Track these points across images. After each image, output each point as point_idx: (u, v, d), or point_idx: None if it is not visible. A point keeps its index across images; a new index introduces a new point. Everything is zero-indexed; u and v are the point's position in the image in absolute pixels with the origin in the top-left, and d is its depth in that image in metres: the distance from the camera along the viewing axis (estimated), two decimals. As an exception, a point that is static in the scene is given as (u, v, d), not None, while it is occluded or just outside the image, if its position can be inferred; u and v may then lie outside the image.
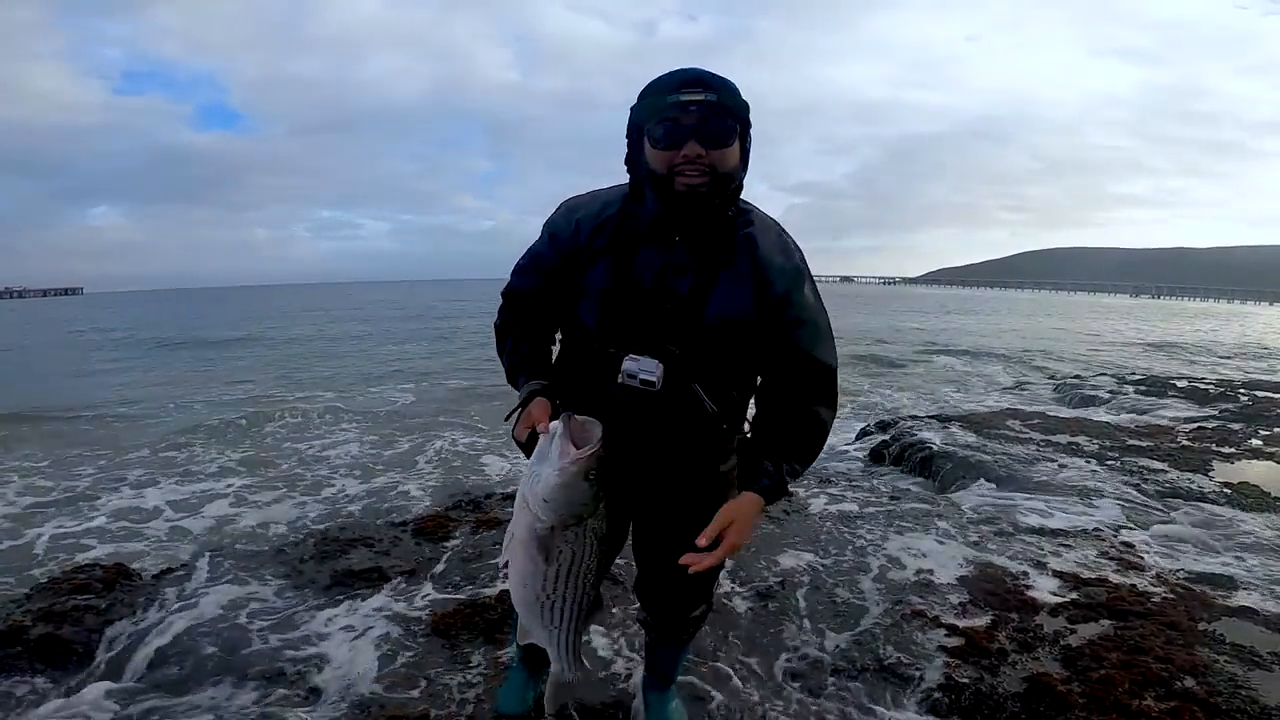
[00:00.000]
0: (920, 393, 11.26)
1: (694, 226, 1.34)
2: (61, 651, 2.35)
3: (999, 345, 20.03)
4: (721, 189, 1.30)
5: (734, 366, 1.43)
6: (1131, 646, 2.31)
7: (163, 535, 4.64)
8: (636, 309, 1.36)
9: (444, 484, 5.51)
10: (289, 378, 13.68)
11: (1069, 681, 2.14)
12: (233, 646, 2.37)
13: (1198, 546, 3.33)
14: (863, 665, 2.28)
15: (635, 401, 1.35)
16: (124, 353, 19.64)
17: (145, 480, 6.06)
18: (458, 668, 2.26)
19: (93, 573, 2.89)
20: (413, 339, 22.86)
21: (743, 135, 1.32)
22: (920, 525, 3.56)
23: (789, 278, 1.38)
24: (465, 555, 3.11)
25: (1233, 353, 18.52)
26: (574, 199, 1.47)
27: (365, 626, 2.52)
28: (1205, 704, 2.01)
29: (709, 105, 1.25)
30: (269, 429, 8.45)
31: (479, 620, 2.51)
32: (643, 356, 1.33)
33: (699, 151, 1.26)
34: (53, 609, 2.52)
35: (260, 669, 2.24)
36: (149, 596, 2.72)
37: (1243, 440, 5.44)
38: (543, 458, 1.13)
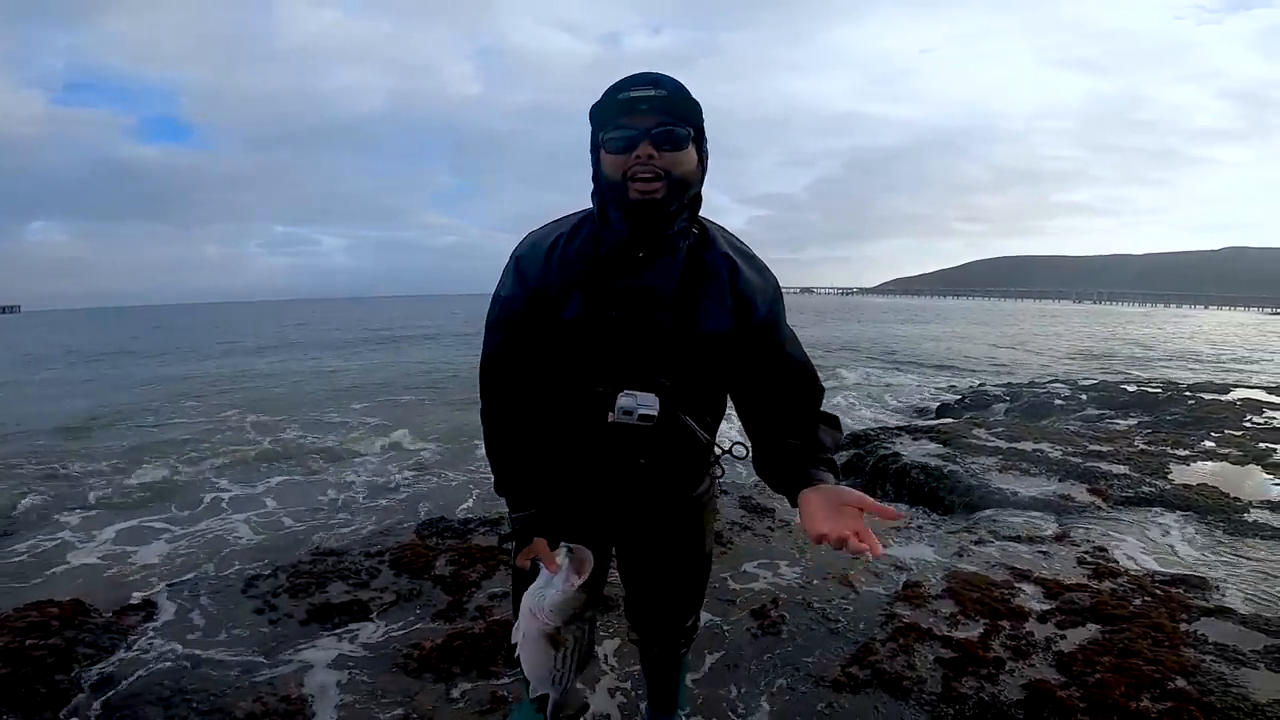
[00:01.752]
0: (881, 405, 11.48)
1: (657, 240, 1.29)
2: (24, 694, 2.18)
3: (951, 354, 20.62)
4: (678, 195, 1.26)
5: (715, 392, 1.43)
6: (1121, 650, 2.36)
7: (114, 568, 4.37)
8: (620, 344, 1.31)
9: (415, 510, 5.35)
10: (236, 401, 13.22)
11: (1067, 686, 2.17)
12: (212, 686, 2.25)
13: (1168, 549, 3.42)
14: (865, 680, 2.27)
15: (629, 438, 1.33)
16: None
17: (87, 505, 5.75)
18: (453, 703, 2.18)
19: (46, 610, 2.69)
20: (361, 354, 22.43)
21: (699, 143, 1.29)
22: (900, 537, 3.60)
23: (769, 297, 1.37)
24: (449, 586, 3.02)
25: (1172, 355, 19.40)
26: (536, 233, 1.40)
27: (351, 662, 2.43)
28: (1200, 703, 2.06)
29: (659, 101, 1.22)
30: (212, 456, 8.12)
31: (468, 652, 2.43)
32: (638, 392, 1.29)
33: (650, 152, 1.22)
34: (8, 648, 2.36)
35: (246, 710, 2.13)
36: (112, 636, 2.57)
37: (1195, 443, 5.64)
38: (548, 581, 1.30)
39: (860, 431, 6.47)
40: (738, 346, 1.34)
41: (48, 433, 9.65)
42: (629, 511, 1.50)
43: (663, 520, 1.52)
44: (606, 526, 1.52)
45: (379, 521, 4.96)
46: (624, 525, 1.53)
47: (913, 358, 19.60)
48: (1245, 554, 3.30)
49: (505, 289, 1.38)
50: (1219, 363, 17.45)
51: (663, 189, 1.23)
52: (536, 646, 1.31)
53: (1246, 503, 4.02)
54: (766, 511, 3.92)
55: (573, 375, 1.35)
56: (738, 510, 3.96)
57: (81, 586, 3.89)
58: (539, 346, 1.36)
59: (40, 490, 6.43)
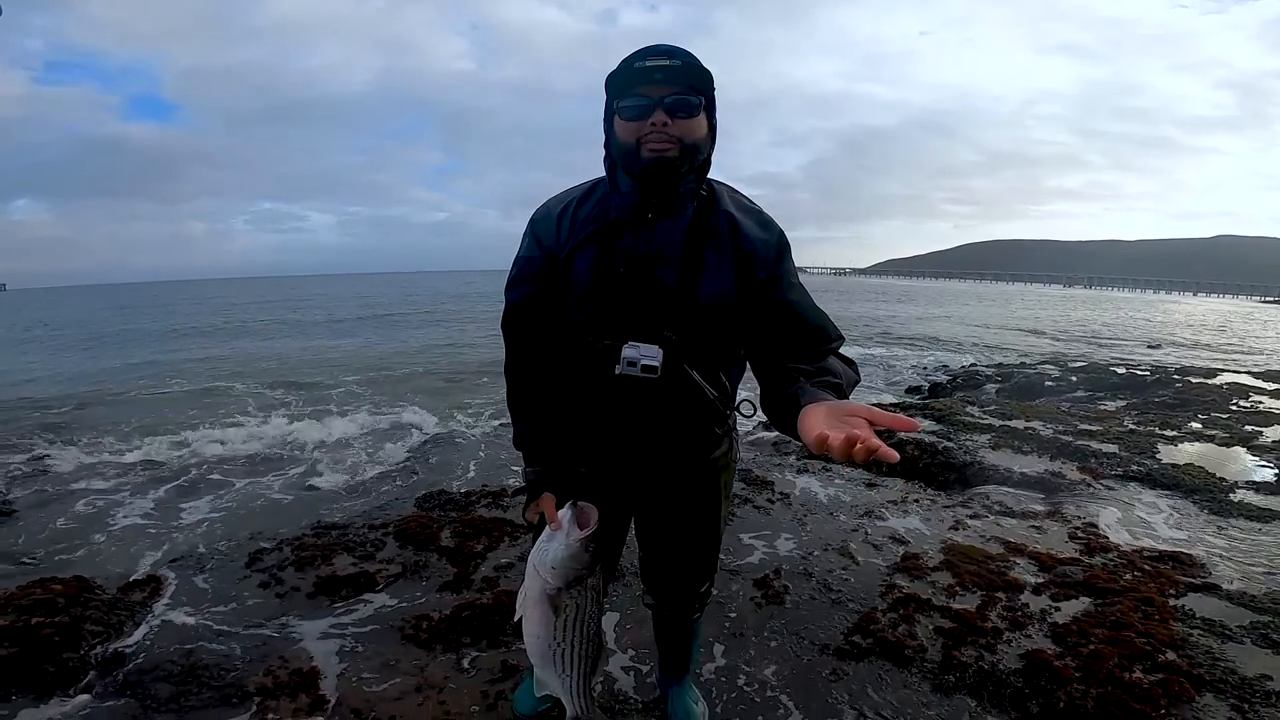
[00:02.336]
0: (874, 384, 11.57)
1: (667, 201, 1.34)
2: (34, 674, 2.17)
3: (945, 333, 20.76)
4: (689, 159, 1.32)
5: (725, 348, 1.45)
6: (1114, 622, 2.43)
7: (112, 542, 4.35)
8: (626, 299, 1.36)
9: (417, 482, 5.36)
10: (226, 373, 13.15)
11: (1062, 656, 2.25)
12: (222, 660, 2.27)
13: (1156, 526, 3.51)
14: (867, 649, 2.34)
15: (635, 391, 1.37)
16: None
17: (85, 480, 5.72)
18: (466, 672, 2.22)
19: (50, 587, 2.67)
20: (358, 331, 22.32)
21: (709, 111, 1.34)
22: (898, 510, 3.67)
23: (773, 251, 1.38)
24: (454, 557, 3.05)
25: (1160, 340, 19.61)
26: (551, 200, 1.48)
27: (361, 634, 2.46)
28: (1190, 676, 2.14)
29: (673, 70, 1.27)
30: (205, 426, 8.11)
31: (477, 623, 2.47)
32: (642, 344, 1.34)
33: (665, 119, 1.28)
34: (15, 626, 2.33)
35: (258, 683, 2.14)
36: (119, 612, 2.55)
37: (1183, 423, 5.75)
38: (552, 536, 1.32)
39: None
40: (743, 302, 1.37)
41: (39, 407, 9.59)
42: (646, 473, 1.54)
43: (679, 483, 1.56)
44: (623, 489, 1.56)
45: (379, 494, 4.98)
46: (641, 487, 1.58)
47: (906, 337, 19.73)
48: (1230, 532, 3.39)
49: (523, 250, 1.47)
50: (1206, 348, 17.67)
51: (675, 149, 1.29)
52: (537, 609, 1.34)
53: (1232, 483, 4.12)
54: (766, 484, 3.98)
55: (583, 331, 1.40)
56: (737, 484, 4.01)
57: (84, 562, 3.89)
58: (554, 303, 1.43)
59: (33, 467, 6.41)
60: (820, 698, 2.11)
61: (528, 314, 1.47)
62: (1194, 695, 2.05)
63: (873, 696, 2.11)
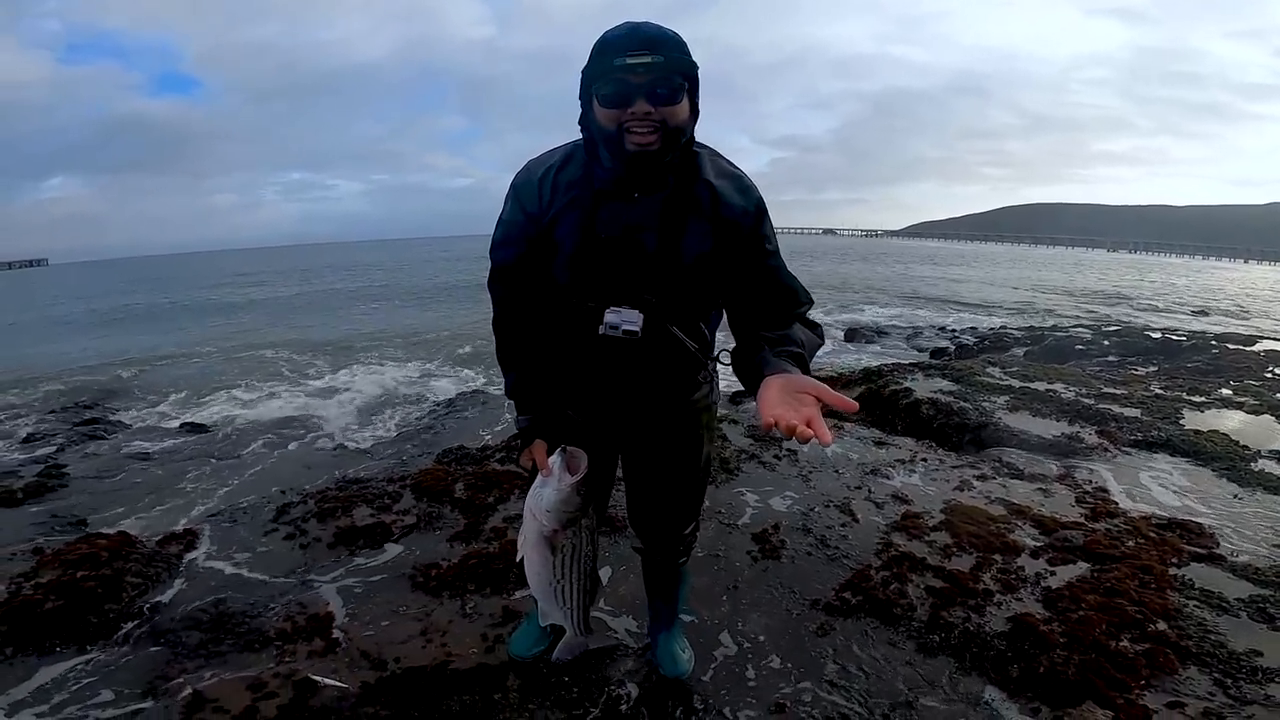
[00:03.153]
0: (899, 343, 11.44)
1: (650, 182, 1.37)
2: (78, 623, 2.29)
3: (977, 296, 20.30)
4: (673, 144, 1.32)
5: (704, 305, 1.52)
6: (1108, 589, 2.43)
7: (155, 500, 4.58)
8: (608, 264, 1.40)
9: (438, 439, 5.52)
10: (262, 340, 13.51)
11: (1050, 622, 2.26)
12: (247, 607, 2.40)
13: (1168, 493, 3.47)
14: (857, 605, 2.39)
15: (617, 350, 1.43)
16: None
17: (121, 441, 6.00)
18: (469, 617, 2.33)
19: (95, 543, 2.81)
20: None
21: (692, 90, 1.33)
22: (904, 470, 3.69)
23: (752, 216, 1.42)
24: (466, 509, 3.16)
25: (1206, 306, 18.93)
26: (533, 161, 1.49)
27: (373, 582, 2.59)
28: (1177, 647, 2.14)
29: (656, 67, 1.25)
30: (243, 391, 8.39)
31: (483, 571, 2.58)
32: (623, 308, 1.39)
33: (647, 109, 1.27)
34: (61, 580, 2.46)
35: (277, 629, 2.27)
36: (156, 565, 2.69)
37: (1213, 389, 5.60)
38: (545, 481, 1.40)
39: (875, 367, 6.50)
40: (722, 265, 1.42)
41: (87, 375, 10.00)
42: (631, 418, 1.62)
43: (662, 424, 1.64)
44: (609, 433, 1.66)
45: (401, 450, 5.15)
46: (626, 431, 1.66)
47: (935, 298, 19.36)
48: (1246, 503, 3.33)
49: (505, 213, 1.50)
50: (1254, 315, 17.03)
51: (658, 141, 1.29)
52: (536, 551, 1.44)
53: (1255, 451, 4.01)
54: (773, 441, 4.01)
55: (566, 292, 1.45)
56: (745, 439, 4.07)
57: (128, 519, 4.12)
58: (537, 265, 1.48)
59: (84, 432, 6.72)
60: (805, 651, 2.17)
61: (513, 274, 1.53)
62: (1178, 667, 2.06)
63: (856, 653, 2.17)
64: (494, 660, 2.09)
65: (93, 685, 2.03)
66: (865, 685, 2.02)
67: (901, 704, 1.95)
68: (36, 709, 1.94)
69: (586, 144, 1.41)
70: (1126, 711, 1.87)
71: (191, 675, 2.05)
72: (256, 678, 2.03)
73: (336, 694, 1.96)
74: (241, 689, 1.98)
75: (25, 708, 1.94)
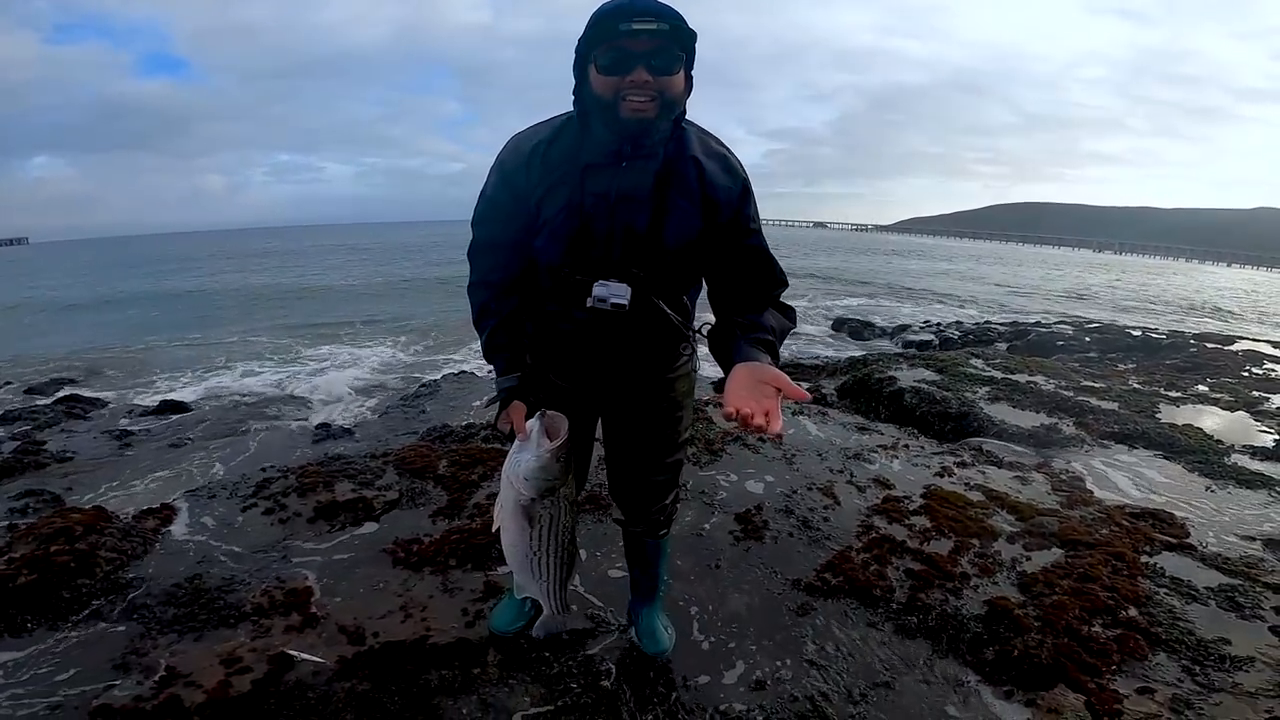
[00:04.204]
0: (883, 335, 11.52)
1: (640, 152, 1.37)
2: (50, 599, 2.25)
3: (963, 291, 20.47)
4: (667, 114, 1.33)
5: (689, 279, 1.55)
6: (1081, 575, 2.48)
7: (133, 475, 4.50)
8: (596, 239, 1.41)
9: (421, 417, 5.49)
10: (249, 319, 13.37)
11: (1024, 606, 2.30)
12: (223, 582, 2.38)
13: (1142, 484, 3.53)
14: (837, 586, 2.41)
15: (604, 321, 1.45)
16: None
17: (100, 418, 5.91)
18: (450, 593, 2.33)
19: (70, 517, 2.75)
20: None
21: (688, 64, 1.34)
22: (886, 456, 3.72)
23: (736, 196, 1.45)
24: (449, 485, 3.15)
25: (1187, 306, 19.21)
26: (519, 136, 1.48)
27: (354, 557, 2.57)
28: (1147, 633, 2.18)
29: (659, 34, 1.26)
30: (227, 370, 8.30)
31: (464, 547, 2.58)
32: (611, 281, 1.40)
33: (646, 78, 1.27)
34: (35, 555, 2.41)
35: (254, 603, 2.26)
36: (132, 540, 2.64)
37: (1189, 386, 5.69)
38: (523, 447, 1.35)
39: (859, 356, 6.55)
40: (706, 241, 1.44)
41: (67, 354, 9.84)
42: (612, 386, 1.64)
43: (643, 392, 1.66)
44: (591, 401, 1.66)
45: (386, 428, 5.11)
46: (607, 399, 1.68)
47: (921, 292, 19.51)
48: (1218, 495, 3.41)
49: (489, 189, 1.49)
50: (1233, 316, 17.29)
51: (654, 109, 1.30)
52: (514, 520, 1.40)
53: (1229, 446, 4.10)
54: (753, 424, 4.03)
55: (554, 265, 1.45)
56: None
57: (105, 494, 4.05)
58: (522, 238, 1.47)
59: (61, 410, 6.61)
60: (785, 630, 2.19)
61: (495, 249, 1.52)
62: (1148, 653, 2.10)
63: (835, 632, 2.19)
64: (474, 635, 2.09)
65: (63, 661, 1.99)
66: (844, 665, 2.05)
67: (879, 684, 1.98)
68: (8, 685, 1.89)
69: (580, 116, 1.40)
70: (1097, 696, 1.91)
71: (165, 650, 2.03)
72: (231, 652, 2.01)
73: (313, 668, 1.95)
74: (216, 663, 1.97)
75: (-6, 683, 1.89)
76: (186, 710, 1.80)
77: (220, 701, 1.83)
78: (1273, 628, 2.25)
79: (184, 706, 1.81)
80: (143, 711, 1.80)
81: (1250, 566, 2.64)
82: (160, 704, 1.82)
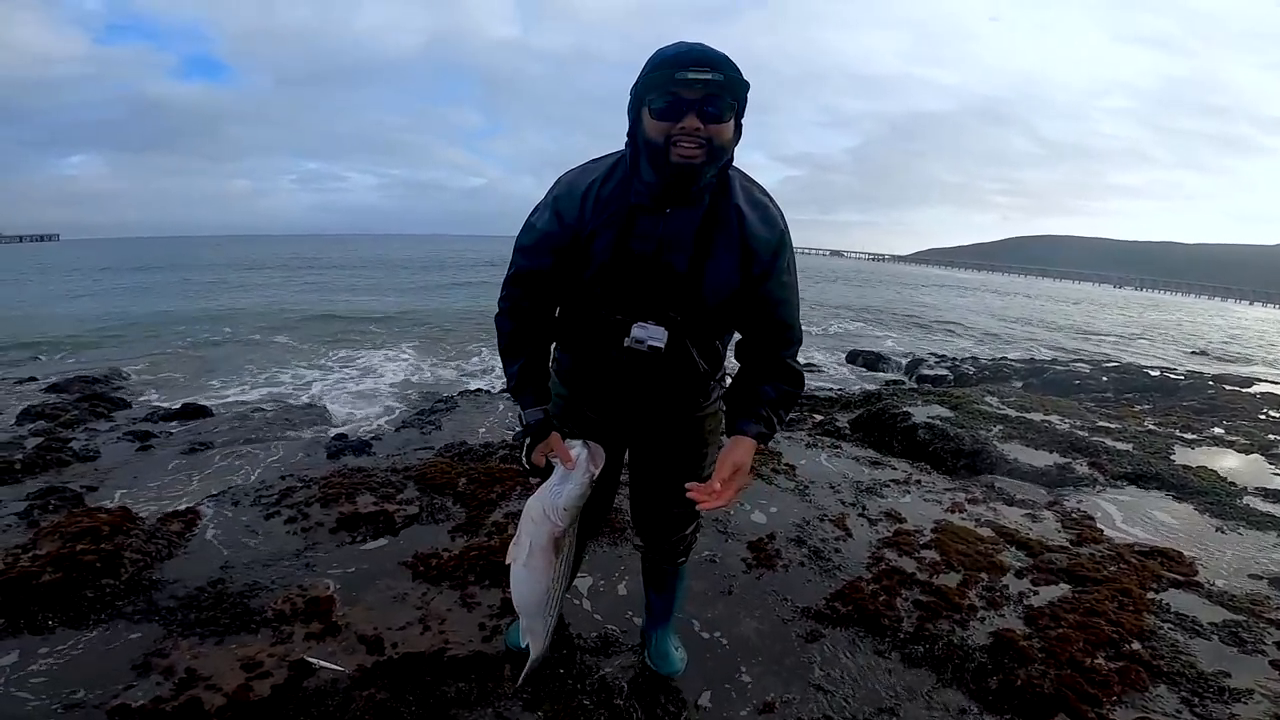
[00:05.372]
0: (901, 368, 11.52)
1: (686, 197, 1.42)
2: (74, 597, 2.30)
3: (979, 325, 20.42)
4: (714, 161, 1.37)
5: (724, 326, 1.61)
6: (1087, 609, 2.51)
7: (157, 477, 4.61)
8: (639, 280, 1.47)
9: (438, 433, 5.58)
10: (272, 326, 13.60)
11: (1030, 638, 2.33)
12: (245, 588, 2.45)
13: (1152, 524, 3.54)
14: (846, 615, 2.45)
15: (639, 361, 1.50)
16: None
17: (125, 419, 6.04)
18: (468, 607, 2.40)
19: (96, 516, 2.81)
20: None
21: (739, 113, 1.38)
22: (898, 490, 3.76)
23: (772, 250, 1.48)
24: (468, 502, 3.23)
25: (1206, 347, 19.03)
26: (572, 175, 1.53)
27: (375, 568, 2.64)
28: (1149, 666, 2.21)
29: (714, 84, 1.30)
30: (251, 375, 8.45)
31: (483, 564, 2.64)
32: (650, 324, 1.47)
33: (697, 125, 1.32)
34: (60, 553, 2.45)
35: (276, 610, 2.32)
36: (156, 540, 2.71)
37: (1205, 428, 5.68)
38: (566, 478, 1.40)
39: (874, 390, 6.58)
40: (742, 290, 1.50)
41: (95, 355, 10.07)
42: (640, 420, 1.70)
43: (670, 430, 1.72)
44: (619, 432, 1.73)
45: (406, 442, 5.20)
46: (635, 431, 1.74)
47: (937, 324, 19.48)
48: (1228, 536, 3.41)
49: (541, 222, 1.54)
50: (1252, 360, 17.10)
51: (702, 155, 1.35)
52: (543, 558, 1.42)
53: (1241, 488, 4.10)
54: (772, 454, 4.08)
55: (595, 304, 1.52)
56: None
57: (130, 496, 4.16)
58: (566, 274, 1.53)
59: (87, 409, 6.78)
60: (794, 655, 2.23)
61: (537, 280, 1.58)
62: (1149, 685, 2.13)
63: (843, 659, 2.23)
64: (491, 650, 2.15)
65: (86, 660, 2.04)
66: (850, 691, 2.08)
67: (884, 710, 2.01)
68: (28, 683, 1.93)
69: (631, 158, 1.46)
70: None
71: (186, 653, 2.07)
72: (252, 657, 2.06)
73: (332, 676, 2.01)
74: (236, 667, 2.02)
75: (15, 682, 1.93)
76: (206, 713, 1.84)
77: (240, 705, 1.87)
78: (1273, 661, 2.28)
79: (204, 709, 1.85)
80: (162, 713, 1.83)
81: (1256, 603, 2.66)
82: (179, 706, 1.86)
